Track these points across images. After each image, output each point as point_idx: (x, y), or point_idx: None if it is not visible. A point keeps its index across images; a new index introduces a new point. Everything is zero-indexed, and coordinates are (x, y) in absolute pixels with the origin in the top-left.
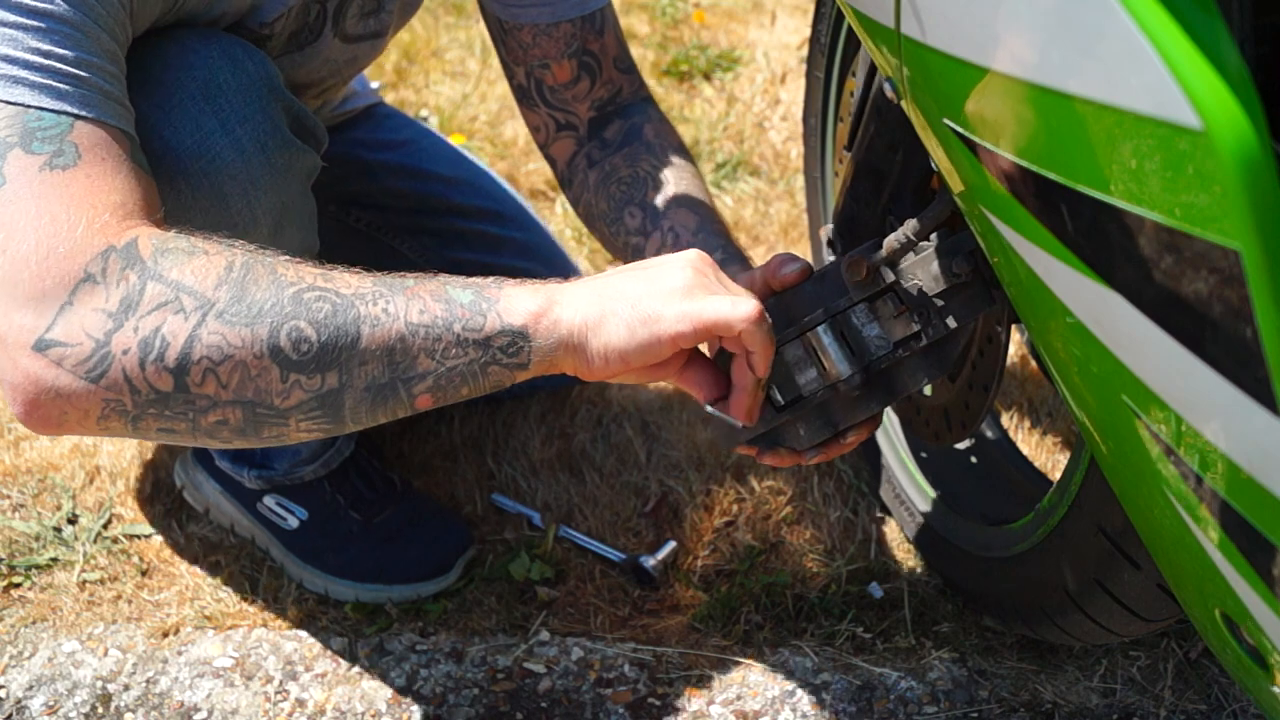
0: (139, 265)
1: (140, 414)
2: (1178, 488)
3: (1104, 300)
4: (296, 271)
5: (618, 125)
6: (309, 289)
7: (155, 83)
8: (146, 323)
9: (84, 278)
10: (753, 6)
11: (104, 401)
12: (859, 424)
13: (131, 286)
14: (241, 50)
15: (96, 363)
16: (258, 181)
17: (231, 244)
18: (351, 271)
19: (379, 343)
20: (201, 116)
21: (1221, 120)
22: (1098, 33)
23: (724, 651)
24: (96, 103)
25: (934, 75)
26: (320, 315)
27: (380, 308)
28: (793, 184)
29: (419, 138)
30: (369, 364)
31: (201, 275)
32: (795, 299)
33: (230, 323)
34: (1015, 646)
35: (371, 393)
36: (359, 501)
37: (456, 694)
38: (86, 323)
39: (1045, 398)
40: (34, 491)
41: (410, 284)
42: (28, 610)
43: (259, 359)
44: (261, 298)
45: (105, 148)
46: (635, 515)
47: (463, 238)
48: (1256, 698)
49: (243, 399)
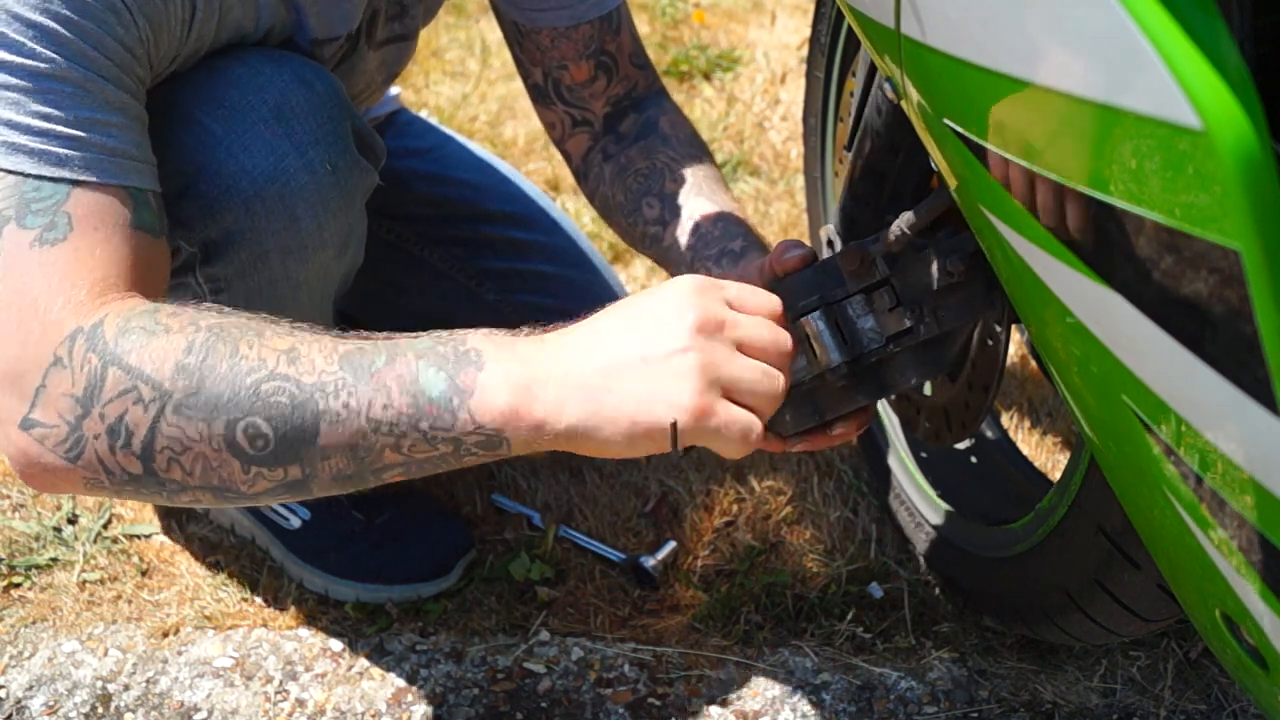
0: (101, 347)
1: (119, 489)
2: (1178, 488)
3: (1104, 300)
4: (259, 353)
5: (632, 119)
6: (269, 378)
7: (226, 105)
8: (110, 410)
9: (53, 361)
10: (753, 6)
11: (84, 478)
12: (846, 416)
13: (94, 371)
14: (311, 71)
15: (72, 445)
16: (328, 203)
17: (197, 318)
18: (324, 344)
19: (339, 440)
20: (275, 139)
21: (1221, 120)
22: (1097, 33)
23: (724, 651)
24: (98, 164)
25: (934, 75)
26: (277, 411)
27: (341, 402)
28: (793, 184)
29: (443, 143)
30: (331, 458)
31: (159, 361)
32: (796, 285)
33: (187, 417)
34: (1015, 646)
35: (339, 481)
36: (361, 501)
37: (456, 694)
38: (59, 406)
39: (1045, 398)
40: (34, 491)
41: (379, 365)
42: (28, 610)
43: (218, 452)
44: (218, 390)
45: (99, 215)
46: (635, 515)
47: (491, 244)
48: (1256, 698)
49: (209, 485)
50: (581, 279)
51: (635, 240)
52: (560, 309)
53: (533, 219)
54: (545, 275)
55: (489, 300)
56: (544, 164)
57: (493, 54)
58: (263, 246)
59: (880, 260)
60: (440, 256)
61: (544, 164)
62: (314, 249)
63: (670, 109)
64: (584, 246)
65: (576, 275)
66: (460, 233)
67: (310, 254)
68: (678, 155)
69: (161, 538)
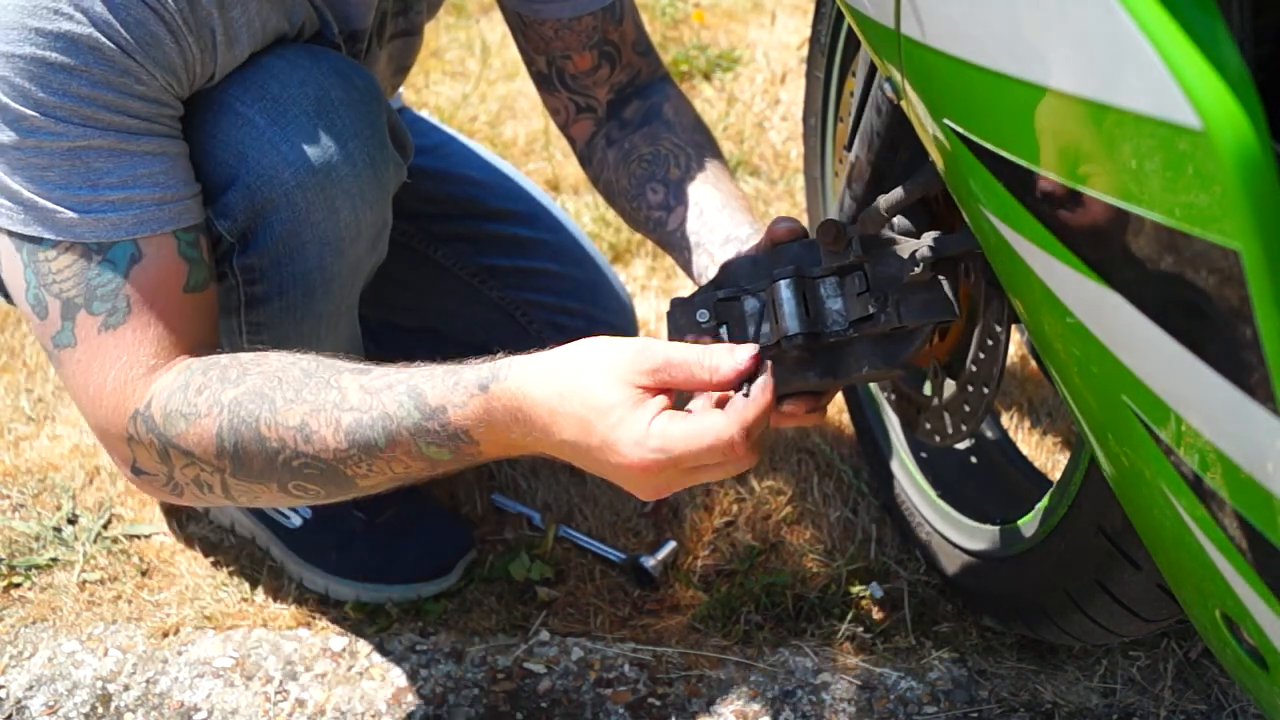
0: (156, 431)
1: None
2: (1178, 487)
3: (1104, 300)
4: (278, 434)
5: (636, 105)
6: (294, 457)
7: (269, 97)
8: (186, 473)
9: (128, 437)
10: (753, 6)
11: (195, 502)
12: (797, 396)
13: (159, 448)
14: (348, 66)
15: (174, 488)
16: (366, 195)
17: (220, 395)
18: (328, 416)
19: (375, 483)
20: (317, 131)
21: (1221, 120)
22: (1097, 33)
23: (724, 651)
24: (149, 218)
25: (934, 75)
26: (313, 477)
27: (365, 468)
28: (793, 184)
29: (447, 141)
30: (375, 485)
31: (202, 447)
32: (780, 257)
33: (245, 479)
34: (1015, 646)
35: (400, 484)
36: (362, 501)
37: (456, 694)
38: (150, 465)
39: (1045, 398)
40: (34, 491)
41: (383, 447)
42: (28, 610)
43: (282, 498)
44: (259, 469)
45: (154, 290)
46: (635, 515)
47: (496, 242)
48: (1256, 698)
49: (293, 505)
50: (584, 277)
51: (639, 225)
52: (562, 307)
53: (536, 217)
54: (548, 273)
55: (491, 297)
56: (544, 164)
57: (493, 54)
58: (301, 238)
59: (856, 241)
60: (444, 254)
61: (544, 164)
62: (350, 241)
63: (674, 95)
64: (586, 245)
65: (579, 273)
66: (464, 230)
67: (346, 246)
68: (682, 141)
69: (161, 538)
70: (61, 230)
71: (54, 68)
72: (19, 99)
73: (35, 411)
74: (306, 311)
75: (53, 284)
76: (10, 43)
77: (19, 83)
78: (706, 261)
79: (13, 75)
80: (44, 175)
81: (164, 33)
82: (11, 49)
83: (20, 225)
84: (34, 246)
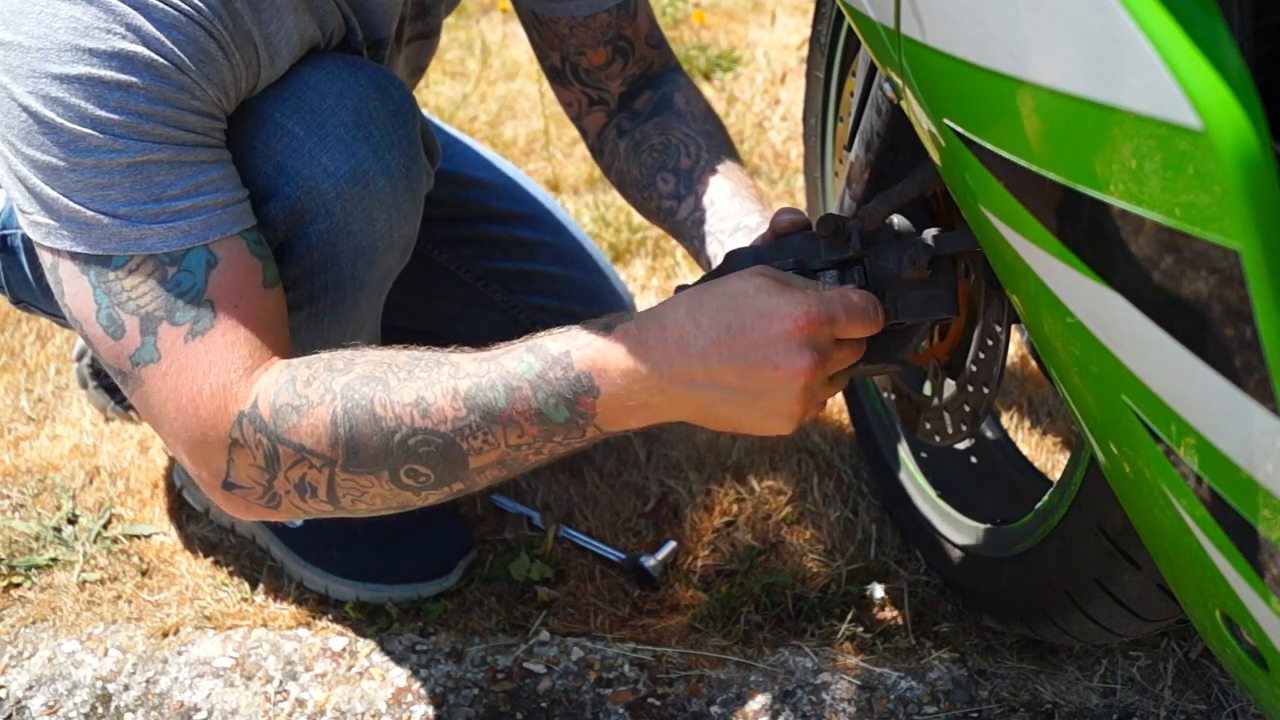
0: (265, 429)
1: (318, 515)
2: (1178, 488)
3: (1104, 300)
4: (395, 412)
5: (647, 96)
6: (411, 434)
7: (307, 108)
8: (292, 474)
9: (231, 443)
10: (753, 6)
11: (286, 514)
12: None
13: (267, 449)
14: (384, 76)
15: (269, 499)
16: (401, 205)
17: (330, 383)
18: (444, 387)
19: (487, 462)
20: (355, 142)
21: (1221, 120)
22: (1097, 33)
23: (724, 651)
24: (217, 221)
25: (934, 75)
26: (428, 456)
27: (481, 439)
28: (793, 184)
29: (451, 143)
30: (485, 472)
31: (315, 437)
32: (782, 248)
33: (355, 471)
34: (1015, 646)
35: (496, 480)
36: None
37: (456, 694)
38: (250, 474)
39: (1045, 398)
40: (34, 491)
41: (501, 406)
42: (28, 610)
43: (390, 489)
44: (373, 453)
45: (236, 289)
46: (635, 515)
47: (499, 245)
48: (1256, 697)
49: (390, 506)
50: (587, 280)
51: (650, 214)
52: (565, 310)
53: (539, 219)
54: (551, 276)
55: (494, 300)
56: (544, 164)
57: (493, 54)
58: (336, 248)
59: (855, 235)
60: (448, 256)
61: (544, 164)
62: (384, 250)
63: (685, 85)
64: (589, 248)
65: (582, 276)
66: (468, 232)
67: (379, 255)
68: (692, 130)
69: (161, 538)
70: (131, 245)
71: (111, 86)
72: (75, 119)
73: (35, 411)
74: (334, 319)
75: (128, 301)
76: (63, 64)
77: (75, 103)
78: (717, 249)
79: (68, 96)
80: (106, 194)
81: (215, 50)
82: (65, 70)
83: (86, 246)
84: (102, 267)
